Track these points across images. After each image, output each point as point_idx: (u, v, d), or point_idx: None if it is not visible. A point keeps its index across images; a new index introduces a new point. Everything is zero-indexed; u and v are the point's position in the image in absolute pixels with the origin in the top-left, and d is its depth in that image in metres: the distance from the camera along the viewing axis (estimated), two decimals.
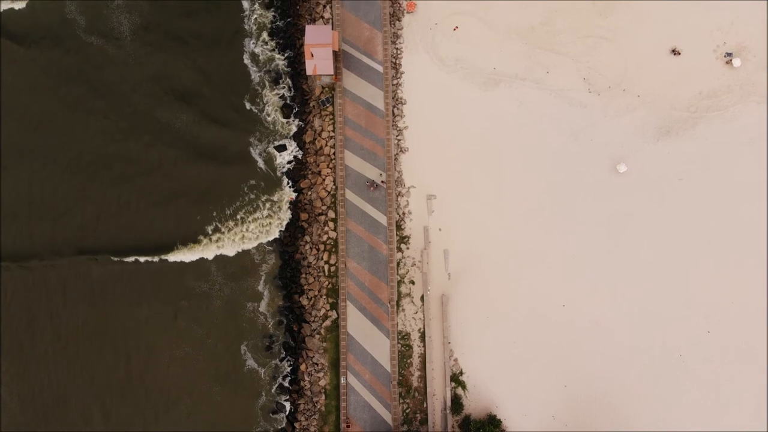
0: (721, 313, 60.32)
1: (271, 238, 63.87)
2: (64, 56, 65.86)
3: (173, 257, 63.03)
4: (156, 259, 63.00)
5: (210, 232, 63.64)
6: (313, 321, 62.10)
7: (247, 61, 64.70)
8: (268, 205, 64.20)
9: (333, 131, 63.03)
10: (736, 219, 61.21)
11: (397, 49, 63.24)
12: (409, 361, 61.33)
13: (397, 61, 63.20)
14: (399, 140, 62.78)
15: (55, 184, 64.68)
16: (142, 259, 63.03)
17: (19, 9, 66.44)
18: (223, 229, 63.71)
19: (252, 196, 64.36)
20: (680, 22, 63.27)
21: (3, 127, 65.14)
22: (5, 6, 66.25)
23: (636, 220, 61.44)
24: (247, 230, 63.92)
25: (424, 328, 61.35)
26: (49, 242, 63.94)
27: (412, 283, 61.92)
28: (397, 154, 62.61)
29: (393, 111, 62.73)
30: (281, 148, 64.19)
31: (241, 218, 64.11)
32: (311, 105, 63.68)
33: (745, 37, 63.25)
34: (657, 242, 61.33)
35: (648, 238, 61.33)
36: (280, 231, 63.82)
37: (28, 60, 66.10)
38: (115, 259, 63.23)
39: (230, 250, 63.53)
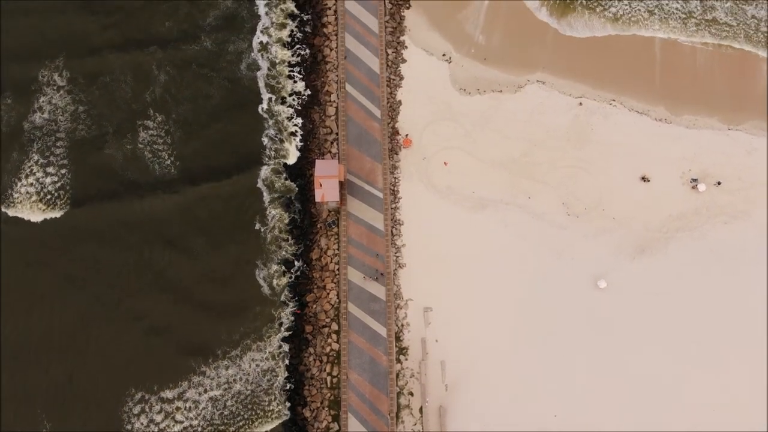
0: (707, 420, 61.97)
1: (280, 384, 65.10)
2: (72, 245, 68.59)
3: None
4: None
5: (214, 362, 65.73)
6: None
7: (260, 185, 71.32)
8: (271, 331, 66.58)
9: (337, 249, 68.77)
10: (711, 330, 64.83)
11: (395, 178, 70.48)
12: None
13: (396, 188, 70.21)
14: (397, 257, 68.19)
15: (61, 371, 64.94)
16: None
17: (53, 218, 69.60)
18: (227, 362, 65.76)
19: (257, 324, 66.80)
20: (648, 152, 70.47)
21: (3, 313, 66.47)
22: (42, 217, 69.38)
23: (618, 332, 64.91)
24: (251, 360, 65.84)
25: None
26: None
27: (411, 394, 64.04)
28: (395, 269, 67.67)
29: (392, 231, 68.78)
30: (289, 265, 69.51)
31: (247, 345, 66.33)
32: (318, 226, 70.02)
33: (708, 165, 70.34)
34: (640, 353, 64.30)
35: (631, 349, 64.38)
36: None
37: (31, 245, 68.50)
38: None
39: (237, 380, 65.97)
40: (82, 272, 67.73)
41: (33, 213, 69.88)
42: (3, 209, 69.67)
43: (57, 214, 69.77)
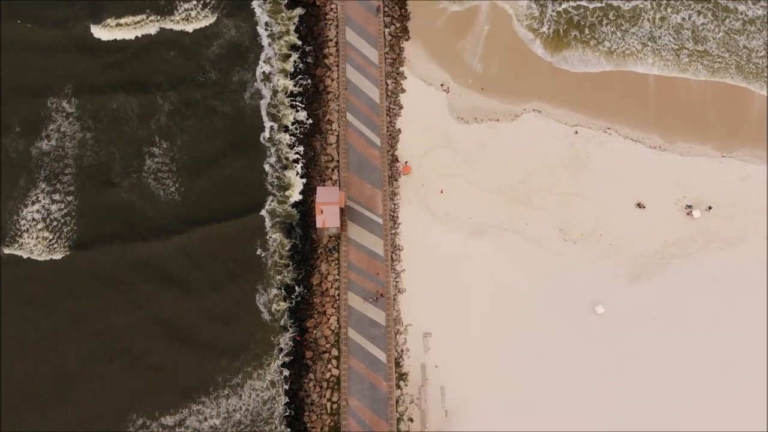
0: None
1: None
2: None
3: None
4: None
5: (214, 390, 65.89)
6: None
7: (263, 212, 72.29)
8: (270, 357, 66.58)
9: (338, 275, 69.59)
10: (708, 355, 65.08)
11: (394, 204, 71.75)
12: None
13: (395, 215, 71.39)
14: (397, 282, 68.93)
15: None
16: None
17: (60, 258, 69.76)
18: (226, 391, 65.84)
19: (257, 351, 66.95)
20: (643, 179, 71.58)
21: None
22: (47, 256, 69.29)
23: (616, 357, 65.16)
24: (252, 387, 65.92)
25: None
26: None
27: (411, 420, 64.07)
28: (395, 294, 68.32)
29: (392, 256, 69.78)
30: (289, 290, 69.99)
31: (248, 372, 66.37)
32: (319, 252, 70.99)
33: (702, 191, 71.42)
34: (638, 378, 64.44)
35: (629, 373, 64.56)
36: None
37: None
38: None
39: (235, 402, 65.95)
40: (84, 310, 67.78)
41: (38, 243, 70.42)
42: (4, 249, 69.83)
43: (59, 255, 69.92)
